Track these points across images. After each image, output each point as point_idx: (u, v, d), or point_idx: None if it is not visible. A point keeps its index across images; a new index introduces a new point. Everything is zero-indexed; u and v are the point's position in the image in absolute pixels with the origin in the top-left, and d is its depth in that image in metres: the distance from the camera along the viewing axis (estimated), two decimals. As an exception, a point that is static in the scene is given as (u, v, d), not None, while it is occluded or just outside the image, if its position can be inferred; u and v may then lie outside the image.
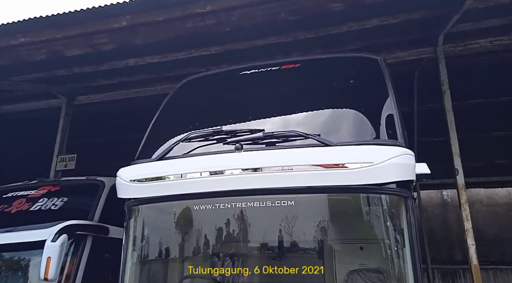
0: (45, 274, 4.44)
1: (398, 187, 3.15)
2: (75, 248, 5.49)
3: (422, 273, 3.20)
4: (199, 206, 3.56)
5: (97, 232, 5.73)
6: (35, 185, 6.66)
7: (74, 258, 5.44)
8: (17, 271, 5.53)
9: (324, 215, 3.61)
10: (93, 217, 5.87)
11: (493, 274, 14.36)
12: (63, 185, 6.72)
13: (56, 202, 6.11)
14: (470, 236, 6.18)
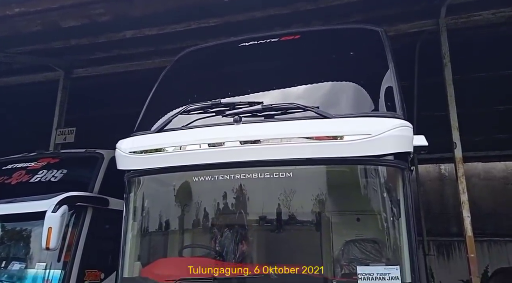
0: (47, 244, 4.55)
1: (396, 159, 3.18)
2: (76, 219, 5.58)
3: (417, 244, 3.27)
4: (198, 178, 3.59)
5: (97, 204, 5.79)
6: (34, 157, 6.67)
7: (75, 229, 5.53)
8: (19, 241, 5.67)
9: (322, 187, 3.65)
10: (93, 189, 5.92)
11: (487, 246, 14.66)
12: (62, 157, 6.75)
13: (56, 174, 6.15)
14: (465, 208, 6.27)
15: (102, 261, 5.90)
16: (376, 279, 2.94)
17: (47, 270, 5.34)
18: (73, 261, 5.39)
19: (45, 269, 5.35)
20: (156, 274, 3.62)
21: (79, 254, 5.48)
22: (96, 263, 5.80)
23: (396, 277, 2.93)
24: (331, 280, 3.38)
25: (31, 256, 5.56)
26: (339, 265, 3.49)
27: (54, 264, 5.35)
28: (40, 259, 5.41)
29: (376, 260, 3.28)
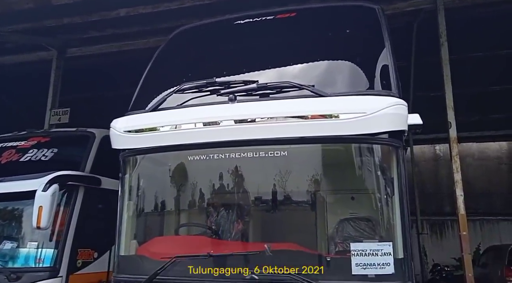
0: (37, 223, 4.55)
1: (390, 137, 3.18)
2: (67, 198, 5.56)
3: (411, 222, 3.32)
4: (193, 157, 3.59)
5: (88, 183, 5.76)
6: (24, 136, 6.58)
7: (66, 208, 5.52)
8: (10, 221, 5.70)
9: (317, 165, 3.67)
10: (84, 168, 5.87)
11: (480, 224, 14.92)
12: (53, 136, 6.65)
13: (46, 153, 6.08)
14: (459, 187, 6.35)
15: (95, 240, 5.91)
16: (369, 255, 2.99)
17: (39, 249, 5.35)
18: (65, 241, 5.38)
19: (37, 248, 5.36)
20: (152, 252, 3.65)
21: (71, 234, 5.47)
22: (89, 242, 5.81)
23: (389, 253, 2.97)
24: (325, 257, 3.42)
25: (22, 235, 5.55)
26: (333, 243, 3.53)
27: (46, 243, 5.36)
28: (32, 238, 5.42)
29: (369, 237, 3.32)
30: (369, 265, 2.97)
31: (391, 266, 2.95)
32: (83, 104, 10.74)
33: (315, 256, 3.45)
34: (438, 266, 13.59)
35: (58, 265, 5.28)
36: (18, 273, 5.11)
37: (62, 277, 5.29)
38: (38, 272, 5.20)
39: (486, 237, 14.01)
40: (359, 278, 2.96)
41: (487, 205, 15.12)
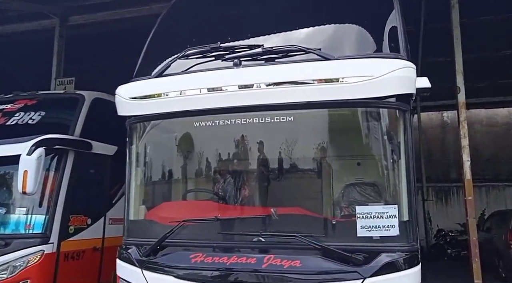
0: (23, 188, 4.46)
1: (398, 101, 3.14)
2: (56, 163, 5.42)
3: (416, 188, 3.32)
4: (199, 123, 3.59)
5: (78, 147, 5.60)
6: (10, 99, 6.34)
7: (56, 173, 5.38)
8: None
9: (323, 130, 3.66)
10: (74, 131, 5.69)
11: (486, 190, 14.97)
12: (40, 99, 6.37)
13: (34, 117, 5.85)
14: (466, 152, 6.33)
15: (88, 206, 5.89)
16: (375, 218, 3.02)
17: (29, 216, 5.26)
18: (55, 206, 5.28)
19: (27, 214, 5.27)
20: (161, 217, 3.73)
21: (62, 199, 5.36)
22: (82, 208, 5.76)
23: (394, 215, 3.00)
24: (330, 220, 3.47)
25: (11, 201, 5.44)
26: (339, 207, 3.56)
27: (36, 209, 5.26)
28: (21, 204, 5.33)
29: (375, 202, 3.33)
30: (374, 227, 3.01)
31: (396, 228, 2.99)
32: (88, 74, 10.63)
33: (320, 219, 3.51)
34: (442, 231, 13.79)
35: (49, 231, 5.18)
36: (7, 239, 5.05)
37: (53, 244, 5.21)
38: (28, 238, 5.11)
39: (491, 203, 14.09)
40: (364, 240, 3.01)
41: (494, 171, 15.12)
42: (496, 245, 9.71)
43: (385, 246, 2.97)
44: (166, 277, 3.19)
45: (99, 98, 6.22)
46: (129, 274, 3.43)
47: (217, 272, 3.12)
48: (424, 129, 15.29)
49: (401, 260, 2.92)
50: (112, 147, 6.23)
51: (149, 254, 3.33)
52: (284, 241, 3.15)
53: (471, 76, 7.68)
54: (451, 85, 6.88)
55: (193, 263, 3.15)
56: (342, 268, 2.91)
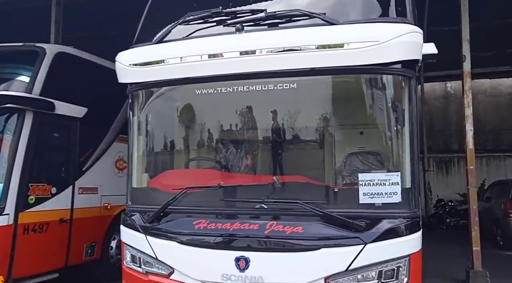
0: None
1: (404, 67, 3.08)
2: (11, 125, 4.84)
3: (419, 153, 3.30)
4: (201, 91, 3.54)
5: (37, 107, 4.97)
6: None
7: (11, 137, 4.82)
8: None
9: (327, 98, 3.61)
10: (32, 89, 5.02)
11: (487, 160, 15.02)
12: None
13: None
14: (469, 122, 6.29)
15: (52, 174, 5.43)
16: (377, 185, 3.02)
17: None
18: (11, 173, 4.75)
19: None
20: (163, 184, 3.75)
21: (19, 166, 4.80)
22: (44, 176, 5.24)
23: (397, 182, 3.00)
24: (332, 188, 3.48)
25: None
26: (341, 175, 3.57)
27: None
28: None
29: (377, 170, 3.34)
30: (376, 194, 3.02)
31: (398, 195, 3.00)
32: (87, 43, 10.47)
33: (322, 187, 3.53)
34: (442, 201, 13.94)
35: (3, 201, 4.67)
36: None
37: (8, 215, 4.70)
38: None
39: (492, 173, 14.16)
40: (366, 207, 3.02)
41: (496, 141, 15.12)
42: (495, 214, 9.84)
43: (387, 213, 2.99)
44: (170, 242, 3.23)
45: (64, 53, 5.63)
46: (133, 240, 3.48)
47: (220, 237, 3.16)
48: (427, 99, 15.18)
49: (402, 226, 2.95)
50: (81, 108, 5.71)
51: (153, 220, 3.37)
52: (287, 208, 3.18)
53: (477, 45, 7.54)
54: (456, 55, 6.76)
55: (196, 229, 3.19)
56: (344, 234, 2.94)
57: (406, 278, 2.89)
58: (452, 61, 7.27)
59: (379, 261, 2.88)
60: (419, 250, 3.00)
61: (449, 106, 16.19)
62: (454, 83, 15.99)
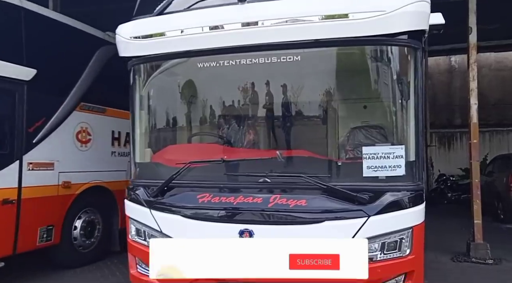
0: None
1: (410, 38, 3.02)
2: None
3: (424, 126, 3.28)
4: (203, 64, 3.49)
5: None
6: None
7: None
8: None
9: (331, 71, 3.57)
10: None
11: (489, 135, 14.99)
12: None
13: None
14: (473, 95, 6.23)
15: None
16: (381, 158, 3.01)
17: None
18: None
19: None
20: (166, 159, 3.75)
21: None
22: None
23: (401, 155, 2.99)
24: (336, 162, 3.48)
25: None
26: (345, 150, 3.56)
27: None
28: None
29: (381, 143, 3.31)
30: (380, 167, 3.01)
31: (402, 168, 2.99)
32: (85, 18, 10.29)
33: (326, 161, 3.52)
34: (443, 176, 13.98)
35: None
36: None
37: None
38: None
39: (494, 148, 14.15)
40: (369, 180, 3.02)
41: (499, 116, 15.04)
42: (496, 188, 9.88)
43: (390, 186, 2.99)
44: (174, 216, 3.25)
45: (3, 2, 4.79)
46: (137, 214, 3.50)
47: (224, 211, 3.17)
48: (430, 74, 15.01)
49: (406, 199, 2.95)
50: (28, 70, 4.92)
51: (157, 194, 3.38)
52: (290, 181, 3.18)
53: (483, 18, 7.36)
54: (461, 28, 6.63)
55: (200, 203, 3.20)
56: (347, 207, 2.95)
57: (409, 249, 2.92)
58: (457, 35, 7.13)
59: (382, 233, 2.90)
60: (422, 222, 3.01)
61: (453, 80, 16.04)
62: (458, 57, 15.78)
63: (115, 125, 6.31)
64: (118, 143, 6.44)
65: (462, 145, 15.21)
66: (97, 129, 6.02)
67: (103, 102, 6.11)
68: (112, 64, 5.85)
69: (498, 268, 5.84)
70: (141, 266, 3.54)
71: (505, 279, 5.26)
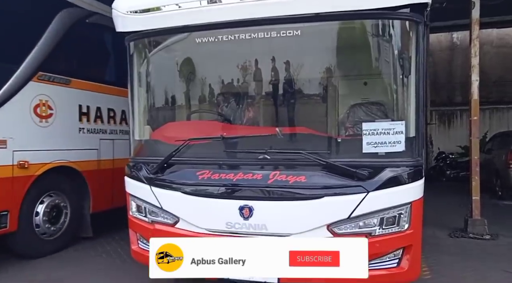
0: None
1: (412, 11, 2.96)
2: None
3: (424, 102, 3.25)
4: (201, 39, 3.44)
5: None
6: None
7: None
8: None
9: (332, 46, 3.52)
10: None
11: (490, 113, 14.94)
12: None
13: None
14: (475, 72, 6.17)
15: None
16: (381, 134, 3.00)
17: None
18: None
19: None
20: (165, 136, 3.74)
21: None
22: None
23: (401, 131, 2.98)
24: (335, 139, 3.47)
25: None
26: (344, 126, 3.55)
27: None
28: None
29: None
30: (380, 143, 3.01)
31: (402, 144, 2.98)
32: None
33: (325, 138, 3.52)
34: (443, 154, 14.02)
35: None
36: None
37: None
38: None
39: (494, 126, 14.11)
40: (369, 156, 3.02)
41: (500, 93, 14.95)
42: (495, 165, 9.92)
43: (390, 162, 2.99)
44: (174, 192, 3.27)
45: None
46: (138, 191, 3.52)
47: (224, 188, 3.19)
48: (432, 51, 14.82)
49: (405, 174, 2.96)
50: None
51: (157, 171, 3.39)
52: (290, 158, 3.18)
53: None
54: (462, 4, 6.51)
55: (200, 179, 3.21)
56: (346, 183, 2.96)
57: (407, 224, 2.94)
58: (459, 10, 7.01)
59: (381, 208, 2.92)
60: (420, 198, 3.03)
61: (454, 57, 15.87)
62: (460, 33, 15.55)
63: (83, 98, 5.58)
64: (87, 118, 5.67)
65: (462, 123, 15.18)
66: (61, 103, 5.23)
67: (67, 73, 5.33)
68: (79, 30, 5.39)
69: (495, 243, 5.92)
70: (142, 241, 3.59)
71: (501, 254, 5.33)
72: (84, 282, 4.40)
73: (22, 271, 4.72)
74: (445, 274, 4.56)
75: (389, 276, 2.98)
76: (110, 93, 5.97)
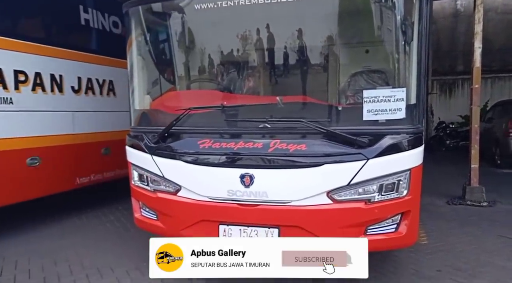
0: None
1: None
2: None
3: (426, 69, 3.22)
4: (200, 6, 3.37)
5: None
6: None
7: None
8: None
9: (333, 13, 3.45)
10: None
11: (491, 82, 14.82)
12: None
13: None
14: (478, 39, 6.08)
15: None
16: (382, 101, 2.98)
17: None
18: None
19: None
20: (166, 106, 3.73)
21: None
22: None
23: (401, 98, 2.96)
24: (336, 107, 3.46)
25: None
26: (345, 95, 3.52)
27: None
28: None
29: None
30: (380, 110, 2.99)
31: (402, 111, 2.97)
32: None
33: (326, 106, 3.50)
34: (443, 123, 13.99)
35: None
36: None
37: None
38: None
39: (495, 94, 14.02)
40: (369, 124, 3.02)
41: (502, 62, 14.75)
42: (495, 134, 9.93)
43: (390, 129, 2.99)
44: (176, 161, 3.29)
45: None
46: (139, 160, 3.55)
47: (225, 156, 3.20)
48: (435, 19, 14.55)
49: (405, 142, 2.96)
50: None
51: (158, 141, 3.40)
52: (290, 126, 3.18)
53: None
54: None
55: (201, 148, 3.23)
56: (346, 150, 2.97)
57: (406, 190, 2.98)
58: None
59: (380, 175, 2.95)
60: (420, 164, 3.05)
61: (458, 25, 15.58)
62: (464, 0, 15.22)
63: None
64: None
65: (463, 93, 15.09)
66: None
67: None
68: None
69: (492, 210, 6.02)
70: (144, 210, 3.65)
71: (497, 220, 5.43)
72: (88, 250, 4.50)
73: (26, 240, 4.83)
74: (442, 239, 4.67)
75: (387, 240, 3.04)
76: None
